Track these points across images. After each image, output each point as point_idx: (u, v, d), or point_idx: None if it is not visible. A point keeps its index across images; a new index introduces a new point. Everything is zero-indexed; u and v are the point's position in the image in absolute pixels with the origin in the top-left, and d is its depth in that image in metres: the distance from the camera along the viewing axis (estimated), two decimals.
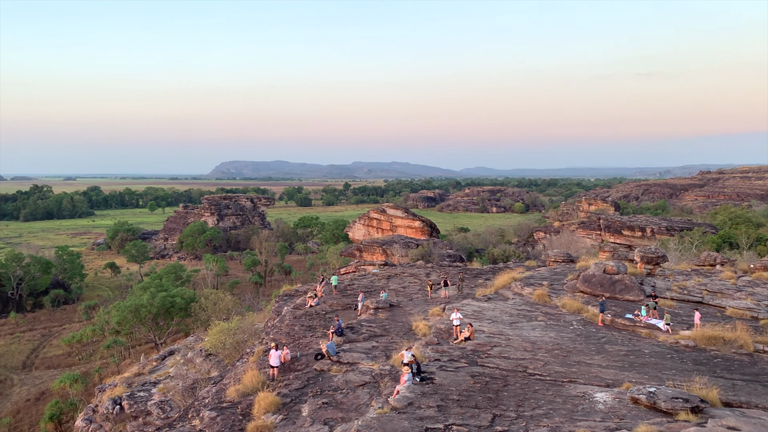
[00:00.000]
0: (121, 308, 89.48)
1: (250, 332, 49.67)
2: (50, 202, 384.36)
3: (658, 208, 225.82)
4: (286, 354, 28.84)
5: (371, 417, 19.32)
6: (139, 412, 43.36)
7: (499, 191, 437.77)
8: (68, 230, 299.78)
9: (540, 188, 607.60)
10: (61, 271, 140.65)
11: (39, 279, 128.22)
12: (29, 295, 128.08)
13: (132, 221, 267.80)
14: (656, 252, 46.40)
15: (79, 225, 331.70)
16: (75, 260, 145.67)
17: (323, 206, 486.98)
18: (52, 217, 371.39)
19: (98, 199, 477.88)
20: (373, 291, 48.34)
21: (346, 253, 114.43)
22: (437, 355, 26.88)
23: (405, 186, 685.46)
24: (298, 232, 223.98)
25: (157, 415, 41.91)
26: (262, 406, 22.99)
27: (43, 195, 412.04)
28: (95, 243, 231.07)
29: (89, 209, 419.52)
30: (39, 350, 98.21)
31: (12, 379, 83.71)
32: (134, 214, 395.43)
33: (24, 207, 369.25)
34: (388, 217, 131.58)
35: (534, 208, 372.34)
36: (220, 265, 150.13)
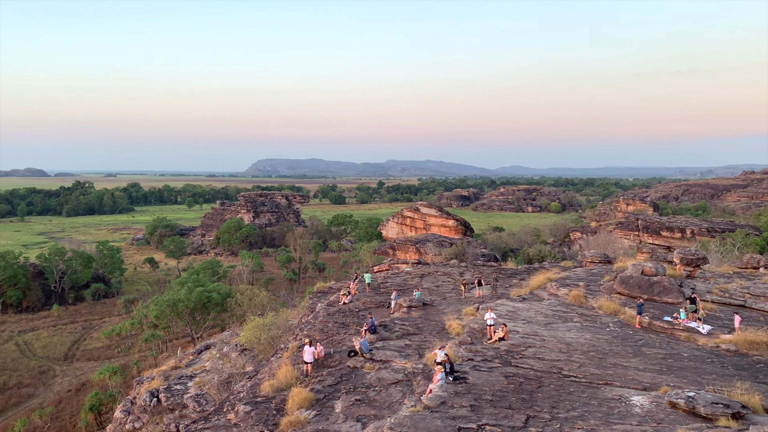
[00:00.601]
0: (159, 302, 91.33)
1: (284, 328, 50.20)
2: (92, 198, 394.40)
3: (699, 209, 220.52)
4: (319, 350, 29.06)
5: (404, 415, 19.35)
6: (175, 405, 44.19)
7: (534, 190, 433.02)
8: (109, 225, 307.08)
9: (577, 188, 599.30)
10: (102, 265, 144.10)
11: (80, 273, 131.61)
12: (71, 289, 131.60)
13: (170, 217, 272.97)
14: (696, 254, 45.32)
15: (119, 220, 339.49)
16: (115, 255, 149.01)
17: (357, 204, 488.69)
18: (94, 213, 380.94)
19: (138, 195, 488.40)
20: (407, 289, 48.34)
21: (379, 252, 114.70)
22: (471, 354, 26.77)
23: (439, 184, 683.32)
24: (332, 229, 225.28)
25: (193, 408, 42.66)
26: (296, 402, 23.20)
27: (85, 191, 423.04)
28: (135, 238, 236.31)
29: (129, 205, 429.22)
30: (80, 342, 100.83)
31: (54, 370, 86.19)
32: (172, 211, 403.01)
33: (66, 202, 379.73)
34: (422, 215, 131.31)
35: (570, 208, 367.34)
36: (256, 261, 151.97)
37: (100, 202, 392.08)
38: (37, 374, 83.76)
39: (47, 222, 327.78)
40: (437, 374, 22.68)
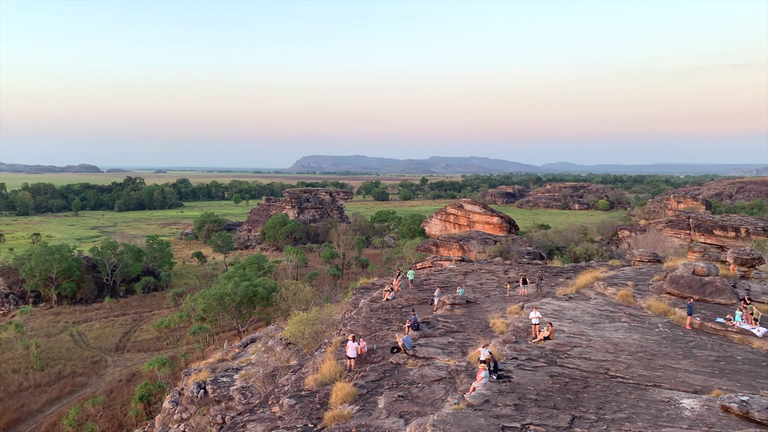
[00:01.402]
0: (207, 296, 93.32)
1: (327, 323, 50.68)
2: (142, 194, 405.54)
3: (754, 208, 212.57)
4: (362, 346, 29.21)
5: (447, 412, 19.31)
6: (221, 397, 45.12)
7: (581, 187, 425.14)
8: (158, 220, 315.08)
9: (625, 185, 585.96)
10: (152, 259, 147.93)
11: (131, 266, 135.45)
12: (122, 282, 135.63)
13: (218, 213, 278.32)
14: (751, 253, 43.75)
15: (168, 215, 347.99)
16: (164, 249, 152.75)
17: (400, 201, 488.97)
18: (144, 208, 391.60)
19: (187, 191, 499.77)
20: (450, 287, 48.15)
21: (422, 248, 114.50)
22: (515, 353, 26.52)
23: (483, 181, 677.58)
24: (375, 226, 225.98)
25: (239, 401, 43.48)
26: (339, 396, 23.39)
27: (136, 186, 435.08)
28: (183, 233, 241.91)
29: (178, 200, 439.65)
30: (130, 334, 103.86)
31: (106, 361, 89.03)
32: (220, 206, 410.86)
33: (118, 198, 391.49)
34: (466, 212, 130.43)
35: (619, 206, 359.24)
36: (300, 256, 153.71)
37: (150, 198, 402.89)
38: (90, 364, 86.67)
39: (100, 216, 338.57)
40: (481, 372, 22.54)
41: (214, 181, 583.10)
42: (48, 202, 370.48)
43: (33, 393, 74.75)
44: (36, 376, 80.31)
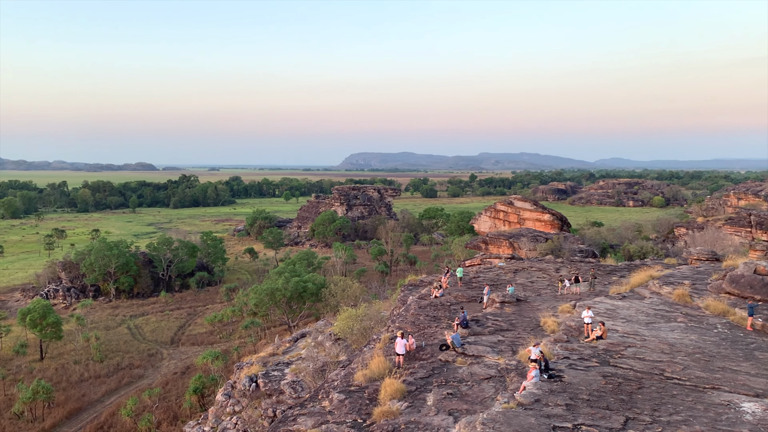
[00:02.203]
0: (258, 291, 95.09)
1: (376, 319, 50.88)
2: (196, 191, 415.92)
3: None
4: (411, 343, 29.22)
5: (497, 411, 19.15)
6: (273, 391, 45.86)
7: (636, 184, 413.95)
8: (212, 217, 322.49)
9: (682, 181, 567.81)
10: (206, 254, 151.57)
11: (186, 262, 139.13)
12: (177, 276, 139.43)
13: (269, 210, 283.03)
14: None
15: (221, 212, 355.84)
16: (218, 245, 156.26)
17: (448, 198, 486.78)
18: (198, 205, 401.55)
19: (239, 188, 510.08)
20: (499, 284, 47.68)
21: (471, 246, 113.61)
22: (566, 353, 26.07)
23: (534, 178, 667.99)
24: (423, 223, 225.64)
25: (290, 395, 44.11)
26: (388, 392, 23.47)
27: (191, 184, 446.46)
28: (236, 229, 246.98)
29: (231, 198, 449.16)
30: (185, 327, 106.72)
31: (162, 353, 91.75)
32: (271, 203, 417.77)
33: (174, 195, 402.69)
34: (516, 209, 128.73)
35: (675, 203, 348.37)
36: (349, 253, 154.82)
37: (204, 195, 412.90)
38: (147, 356, 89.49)
39: (156, 213, 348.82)
40: (531, 371, 22.26)
41: (266, 179, 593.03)
42: (107, 200, 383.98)
43: (93, 383, 77.71)
44: (96, 368, 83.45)
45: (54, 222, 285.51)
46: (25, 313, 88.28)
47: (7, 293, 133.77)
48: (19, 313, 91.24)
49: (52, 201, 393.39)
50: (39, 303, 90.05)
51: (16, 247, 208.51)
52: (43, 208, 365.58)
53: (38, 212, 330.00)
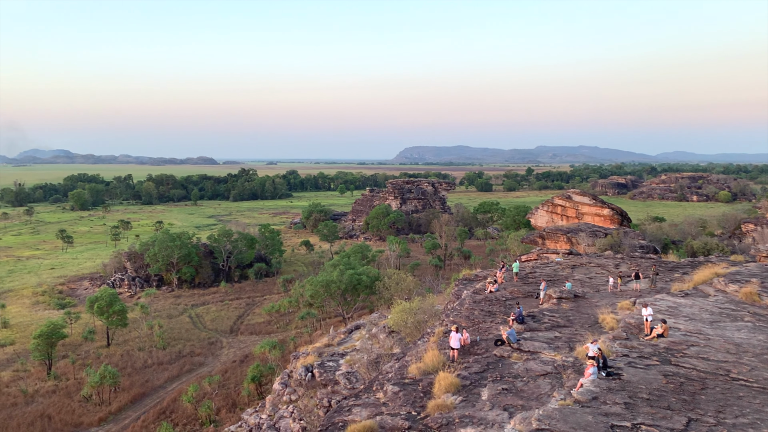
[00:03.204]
0: (314, 283, 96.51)
1: (430, 313, 50.84)
2: (255, 184, 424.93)
3: None
4: (466, 337, 29.11)
5: (553, 407, 18.92)
6: (328, 381, 46.51)
7: (700, 178, 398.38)
8: (269, 210, 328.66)
9: (750, 175, 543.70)
10: (264, 246, 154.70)
11: (245, 253, 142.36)
12: (236, 267, 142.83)
13: (324, 203, 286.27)
14: None
15: (278, 205, 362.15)
16: (275, 237, 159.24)
17: (504, 192, 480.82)
18: (257, 198, 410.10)
19: (295, 181, 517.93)
20: (556, 280, 46.88)
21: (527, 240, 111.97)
22: (626, 350, 25.47)
23: (593, 171, 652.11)
24: (477, 217, 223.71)
25: (344, 385, 44.65)
26: (442, 386, 23.47)
27: (249, 178, 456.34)
28: (292, 222, 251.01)
29: (288, 191, 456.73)
30: (244, 317, 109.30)
31: (221, 342, 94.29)
32: (326, 196, 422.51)
33: (233, 188, 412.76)
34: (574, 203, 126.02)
35: (743, 197, 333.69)
36: (402, 246, 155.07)
37: (262, 188, 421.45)
38: (207, 345, 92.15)
39: (216, 206, 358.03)
40: (589, 369, 21.86)
41: (321, 173, 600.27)
42: (170, 192, 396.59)
43: (156, 370, 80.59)
44: (159, 355, 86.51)
45: (120, 214, 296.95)
46: (93, 301, 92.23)
47: (76, 282, 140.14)
48: (88, 300, 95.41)
49: (118, 194, 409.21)
50: (106, 291, 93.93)
51: (84, 237, 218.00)
52: (109, 200, 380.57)
53: (105, 204, 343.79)
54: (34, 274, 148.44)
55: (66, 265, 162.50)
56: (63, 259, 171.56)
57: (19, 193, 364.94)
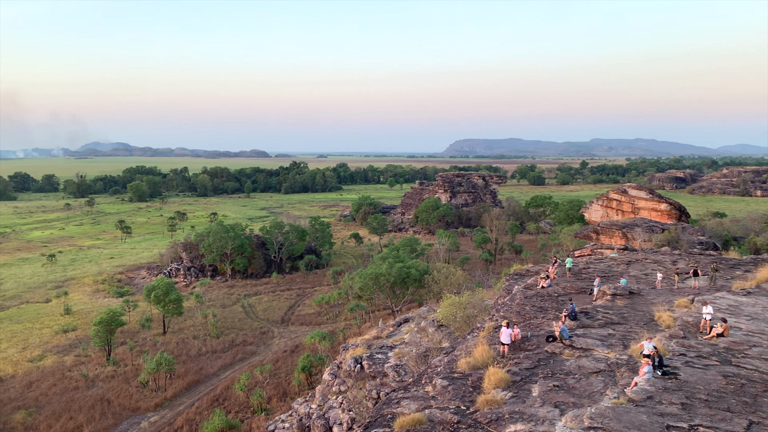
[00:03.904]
0: (363, 275, 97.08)
1: (479, 308, 50.51)
2: (306, 177, 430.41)
3: None
4: (516, 333, 28.79)
5: (606, 406, 18.54)
6: (377, 373, 46.83)
7: (765, 172, 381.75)
8: (320, 202, 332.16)
9: None
10: (314, 238, 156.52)
11: (296, 245, 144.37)
12: (287, 259, 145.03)
13: (373, 196, 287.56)
14: None
15: (329, 198, 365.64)
16: (325, 230, 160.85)
17: (557, 185, 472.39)
18: (307, 191, 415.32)
19: (345, 175, 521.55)
20: (611, 276, 45.82)
21: (581, 235, 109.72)
22: (683, 349, 24.71)
23: (650, 165, 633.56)
24: (529, 211, 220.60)
25: (393, 377, 44.88)
26: (492, 381, 23.29)
27: (300, 171, 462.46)
28: (342, 215, 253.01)
29: (337, 184, 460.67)
30: (294, 308, 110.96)
31: (273, 332, 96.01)
32: (375, 190, 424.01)
33: (284, 181, 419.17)
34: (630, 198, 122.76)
35: None
36: (452, 240, 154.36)
37: (312, 181, 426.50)
38: (259, 334, 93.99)
39: (268, 198, 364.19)
40: (644, 367, 21.31)
41: (371, 166, 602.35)
42: (224, 185, 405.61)
43: (210, 358, 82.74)
44: (212, 343, 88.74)
45: (176, 205, 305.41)
46: (150, 289, 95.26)
47: (134, 271, 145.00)
48: (145, 289, 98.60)
49: (175, 186, 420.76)
50: (162, 281, 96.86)
51: (142, 228, 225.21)
52: (166, 192, 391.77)
53: (162, 196, 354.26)
54: (94, 263, 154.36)
55: (124, 254, 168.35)
56: (122, 249, 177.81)
57: (80, 185, 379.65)
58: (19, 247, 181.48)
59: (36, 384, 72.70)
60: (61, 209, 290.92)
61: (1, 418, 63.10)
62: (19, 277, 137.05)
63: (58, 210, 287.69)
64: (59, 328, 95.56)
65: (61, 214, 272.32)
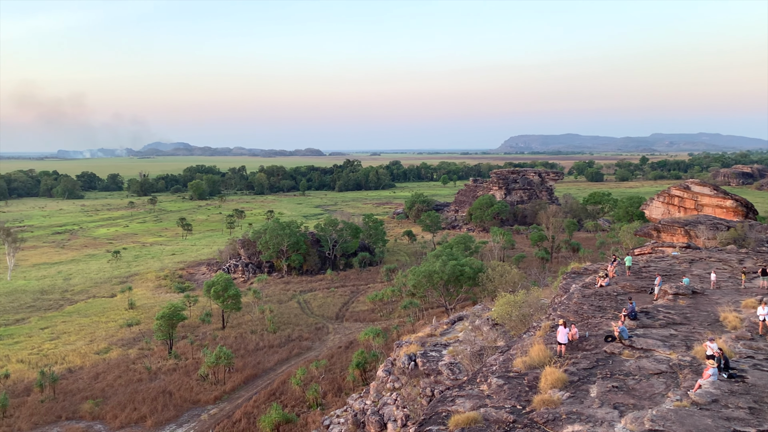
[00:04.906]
0: (417, 273, 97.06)
1: (535, 307, 49.80)
2: (359, 175, 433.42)
3: None
4: (574, 332, 28.32)
5: (667, 408, 18.06)
6: (431, 371, 46.80)
7: None
8: (373, 200, 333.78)
9: None
10: (367, 236, 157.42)
11: (349, 242, 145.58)
12: (341, 256, 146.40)
13: (427, 193, 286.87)
14: None
15: (382, 195, 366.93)
16: (378, 227, 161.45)
17: (616, 182, 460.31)
18: (361, 188, 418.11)
19: (398, 172, 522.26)
20: (673, 275, 44.41)
21: (641, 233, 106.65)
22: (750, 351, 23.80)
23: (714, 160, 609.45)
24: (587, 208, 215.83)
25: (447, 376, 44.76)
26: (549, 381, 23.01)
27: (354, 168, 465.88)
28: (395, 212, 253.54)
29: (390, 181, 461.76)
30: (349, 304, 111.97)
31: (328, 327, 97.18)
32: (428, 187, 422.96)
33: (338, 179, 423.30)
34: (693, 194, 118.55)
35: None
36: (507, 238, 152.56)
37: (366, 179, 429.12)
38: (314, 330, 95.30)
39: (323, 196, 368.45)
40: (708, 369, 20.64)
41: (424, 163, 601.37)
42: (280, 183, 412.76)
43: (267, 352, 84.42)
44: (270, 338, 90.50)
45: (234, 203, 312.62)
46: (209, 285, 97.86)
47: (194, 267, 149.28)
48: (205, 285, 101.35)
49: (233, 184, 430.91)
50: (221, 277, 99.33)
51: (202, 225, 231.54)
52: (225, 190, 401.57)
53: (221, 194, 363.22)
54: (157, 259, 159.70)
55: (185, 251, 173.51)
56: (183, 246, 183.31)
57: (143, 184, 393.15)
58: (86, 243, 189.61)
59: (102, 375, 75.80)
60: (125, 207, 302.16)
61: (71, 407, 66.10)
62: (87, 273, 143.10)
63: (123, 208, 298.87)
64: (124, 322, 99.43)
65: (125, 212, 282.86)
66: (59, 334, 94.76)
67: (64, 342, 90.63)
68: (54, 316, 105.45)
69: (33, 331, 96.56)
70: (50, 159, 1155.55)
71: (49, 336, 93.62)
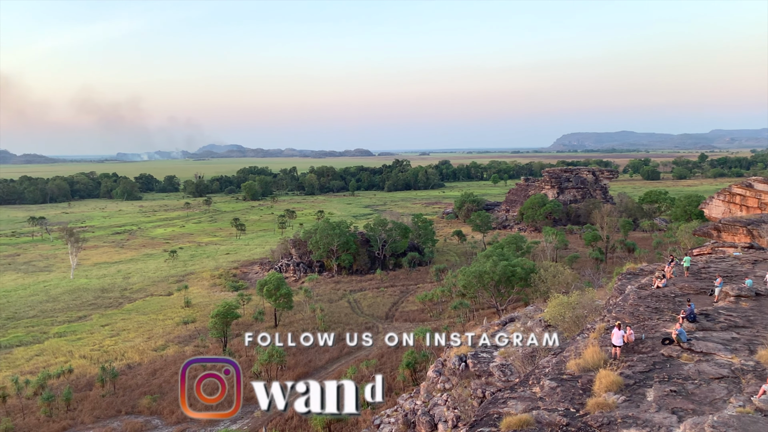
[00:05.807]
0: (467, 273, 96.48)
1: (590, 308, 48.81)
2: (408, 175, 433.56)
3: None
4: (629, 334, 27.65)
5: (729, 414, 17.45)
6: (481, 372, 46.45)
7: None
8: (422, 200, 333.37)
9: None
10: (417, 236, 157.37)
11: (399, 242, 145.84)
12: (391, 256, 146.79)
13: (477, 193, 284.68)
14: None
15: (431, 195, 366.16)
16: (428, 227, 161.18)
17: (673, 180, 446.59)
18: (410, 188, 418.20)
19: (447, 172, 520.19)
20: (734, 276, 42.79)
21: (700, 233, 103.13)
22: None
23: None
24: (643, 207, 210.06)
25: (498, 377, 44.35)
26: (603, 384, 22.53)
27: (403, 168, 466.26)
28: (444, 212, 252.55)
29: (440, 181, 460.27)
30: (398, 304, 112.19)
31: (377, 327, 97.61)
32: (479, 186, 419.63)
33: (387, 179, 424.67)
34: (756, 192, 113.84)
35: None
36: (560, 238, 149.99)
37: (415, 179, 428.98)
38: (364, 329, 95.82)
39: (372, 196, 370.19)
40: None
41: (473, 162, 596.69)
42: (329, 183, 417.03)
43: (318, 351, 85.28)
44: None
45: (285, 204, 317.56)
46: (262, 284, 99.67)
47: (248, 266, 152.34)
48: (258, 284, 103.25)
49: (284, 185, 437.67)
50: (274, 276, 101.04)
51: (255, 225, 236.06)
52: (276, 191, 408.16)
53: (273, 195, 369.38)
54: (211, 259, 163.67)
55: (239, 250, 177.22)
56: (236, 245, 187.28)
57: (198, 185, 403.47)
58: (144, 243, 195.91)
59: (159, 372, 78.15)
60: (181, 208, 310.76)
61: (131, 402, 68.43)
62: (145, 272, 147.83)
63: (179, 209, 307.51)
64: (180, 320, 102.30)
65: (181, 212, 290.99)
66: (119, 331, 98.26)
67: (123, 339, 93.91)
68: (114, 313, 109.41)
69: (94, 328, 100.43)
70: (110, 161, 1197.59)
71: (109, 333, 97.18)
